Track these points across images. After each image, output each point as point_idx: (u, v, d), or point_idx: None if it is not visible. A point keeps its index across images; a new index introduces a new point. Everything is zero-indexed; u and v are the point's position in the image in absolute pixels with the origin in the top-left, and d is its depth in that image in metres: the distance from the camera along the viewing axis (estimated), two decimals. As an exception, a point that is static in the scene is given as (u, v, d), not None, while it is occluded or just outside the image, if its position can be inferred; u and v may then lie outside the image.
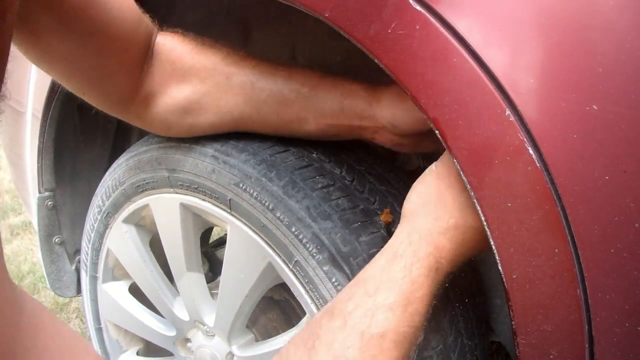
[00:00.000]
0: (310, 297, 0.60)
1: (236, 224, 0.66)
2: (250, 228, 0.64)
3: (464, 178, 0.43)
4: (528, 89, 0.40)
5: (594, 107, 0.39)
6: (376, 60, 0.44)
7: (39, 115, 0.99)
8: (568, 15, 0.39)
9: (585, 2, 0.39)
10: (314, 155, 0.65)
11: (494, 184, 0.42)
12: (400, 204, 0.66)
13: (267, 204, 0.60)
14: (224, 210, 0.67)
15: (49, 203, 1.12)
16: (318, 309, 0.59)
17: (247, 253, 0.66)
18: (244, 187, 0.62)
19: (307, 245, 0.57)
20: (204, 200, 0.70)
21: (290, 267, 0.60)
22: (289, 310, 0.79)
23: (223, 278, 0.71)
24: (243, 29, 1.01)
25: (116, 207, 0.87)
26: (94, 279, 1.01)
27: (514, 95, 0.39)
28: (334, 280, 0.56)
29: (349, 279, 0.55)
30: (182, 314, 0.84)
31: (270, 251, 0.62)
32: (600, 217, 0.40)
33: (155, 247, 0.88)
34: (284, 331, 0.75)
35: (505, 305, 0.47)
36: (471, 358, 0.65)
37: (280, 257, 0.61)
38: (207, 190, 0.68)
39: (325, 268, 0.56)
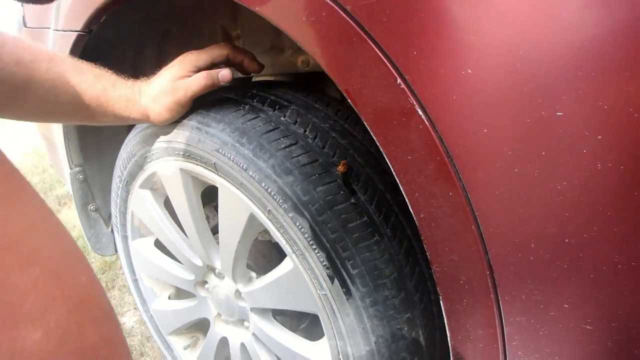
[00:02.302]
0: (284, 239, 0.72)
1: (223, 183, 0.78)
2: (234, 185, 0.76)
3: (374, 138, 0.52)
4: (413, 59, 0.48)
5: (469, 70, 0.47)
6: (299, 45, 0.54)
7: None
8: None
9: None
10: (282, 118, 0.75)
11: (396, 141, 0.51)
12: (362, 154, 0.76)
13: (241, 165, 0.71)
14: (212, 172, 0.79)
15: (80, 177, 1.28)
16: (292, 249, 0.72)
17: (234, 206, 0.78)
18: (223, 152, 0.74)
19: (275, 197, 0.69)
20: (197, 165, 0.82)
21: (266, 215, 0.72)
22: (282, 249, 0.92)
23: (220, 228, 0.84)
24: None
25: (132, 176, 1.01)
26: (125, 238, 1.17)
27: (402, 66, 0.48)
28: (298, 224, 0.68)
29: (309, 223, 0.67)
30: (196, 260, 0.98)
31: (250, 203, 0.74)
32: (483, 163, 0.48)
33: (170, 205, 1.02)
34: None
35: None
36: (432, 284, 0.76)
37: (258, 207, 0.73)
38: (197, 157, 0.80)
39: (290, 215, 0.68)
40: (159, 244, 1.14)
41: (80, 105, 0.74)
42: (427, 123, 0.49)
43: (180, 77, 0.76)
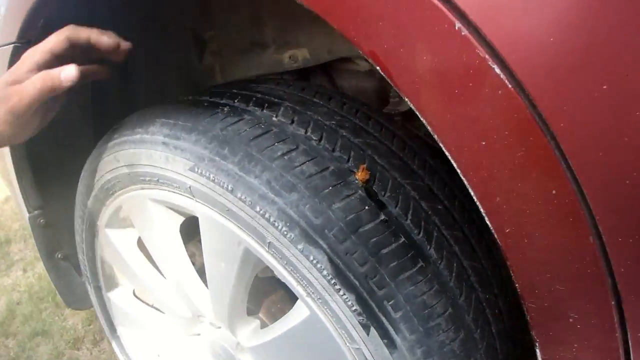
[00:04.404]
0: (294, 279, 0.53)
1: (204, 211, 0.59)
2: (219, 213, 0.57)
3: (423, 120, 0.34)
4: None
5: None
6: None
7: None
8: None
9: None
10: (274, 118, 0.57)
11: (459, 121, 0.33)
12: (381, 154, 0.58)
13: (225, 185, 0.53)
14: (189, 198, 0.60)
15: (41, 221, 1.07)
16: (306, 292, 0.53)
17: (221, 240, 0.59)
18: (199, 171, 0.55)
19: (276, 224, 0.50)
20: (168, 191, 0.63)
21: (266, 249, 0.53)
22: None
23: (207, 270, 0.65)
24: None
25: (95, 214, 0.82)
26: (97, 289, 0.98)
27: (462, 3, 0.30)
28: (311, 258, 0.49)
29: (328, 255, 0.48)
30: (183, 310, 0.79)
31: (243, 235, 0.55)
32: (604, 143, 0.30)
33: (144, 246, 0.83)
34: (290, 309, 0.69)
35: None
36: (492, 312, 0.58)
37: (254, 240, 0.54)
38: (167, 181, 0.61)
39: (299, 246, 0.49)
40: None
41: None
42: (509, 85, 0.31)
43: (15, 81, 0.59)
